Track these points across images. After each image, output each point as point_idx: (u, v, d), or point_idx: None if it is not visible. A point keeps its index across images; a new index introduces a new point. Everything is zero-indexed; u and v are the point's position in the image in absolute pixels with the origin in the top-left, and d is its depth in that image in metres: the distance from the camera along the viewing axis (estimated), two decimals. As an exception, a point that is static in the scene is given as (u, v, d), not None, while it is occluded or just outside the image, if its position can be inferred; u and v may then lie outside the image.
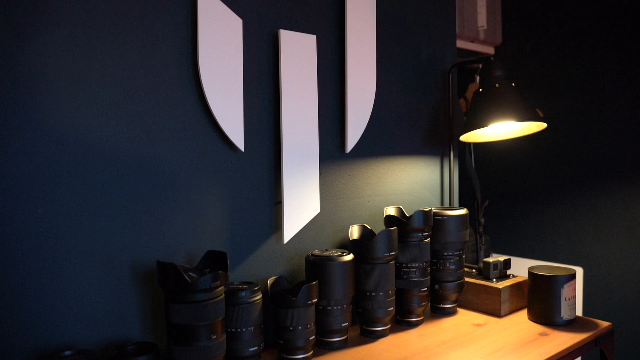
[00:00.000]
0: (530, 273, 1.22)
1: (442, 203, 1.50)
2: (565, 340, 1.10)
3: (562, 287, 1.17)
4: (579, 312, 1.20)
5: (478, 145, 1.51)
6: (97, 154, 0.89)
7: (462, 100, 2.07)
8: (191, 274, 0.90)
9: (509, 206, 2.27)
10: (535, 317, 1.21)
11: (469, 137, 1.36)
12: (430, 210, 1.21)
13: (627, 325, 1.87)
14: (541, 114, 1.29)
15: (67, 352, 0.82)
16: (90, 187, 0.88)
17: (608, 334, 1.18)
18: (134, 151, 0.93)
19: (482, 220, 1.55)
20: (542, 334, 1.14)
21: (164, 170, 0.96)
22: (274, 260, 1.12)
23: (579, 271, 2.01)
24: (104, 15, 0.88)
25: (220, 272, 0.87)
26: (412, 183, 1.40)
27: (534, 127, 1.35)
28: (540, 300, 1.20)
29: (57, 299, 0.86)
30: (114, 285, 0.92)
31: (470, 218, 1.36)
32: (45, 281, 0.84)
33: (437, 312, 1.29)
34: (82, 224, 0.88)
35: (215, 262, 0.92)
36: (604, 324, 1.19)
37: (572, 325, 1.19)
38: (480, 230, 1.54)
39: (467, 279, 1.31)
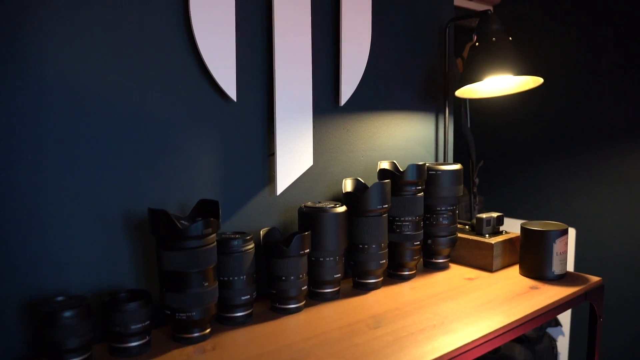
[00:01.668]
0: (522, 228, 1.23)
1: (436, 160, 1.50)
2: (556, 293, 1.11)
3: (554, 241, 1.18)
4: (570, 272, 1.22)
5: (473, 105, 1.50)
6: (88, 103, 0.87)
7: (459, 60, 2.04)
8: (183, 222, 0.90)
9: (503, 167, 2.27)
10: (527, 272, 1.22)
11: (465, 92, 1.35)
12: (424, 164, 1.20)
13: (617, 283, 1.89)
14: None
15: (59, 298, 0.83)
16: (81, 135, 0.87)
17: (598, 288, 1.19)
18: (125, 100, 0.91)
19: (477, 180, 1.55)
20: (532, 288, 1.15)
21: (155, 119, 0.95)
22: (266, 212, 1.12)
23: (572, 232, 2.02)
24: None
25: (212, 219, 0.86)
26: (406, 139, 1.39)
27: (530, 82, 1.34)
28: (532, 255, 1.21)
29: (48, 246, 0.86)
30: (106, 234, 0.91)
31: (465, 178, 1.36)
32: (36, 228, 0.84)
33: (430, 266, 1.30)
34: (73, 172, 0.87)
35: (207, 211, 0.92)
36: (594, 278, 1.21)
37: (562, 279, 1.20)
38: (475, 190, 1.54)
39: (459, 235, 1.32)
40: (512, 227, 1.58)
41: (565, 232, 1.19)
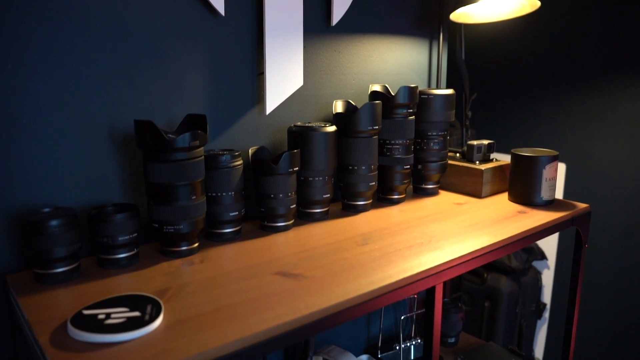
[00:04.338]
0: (512, 154, 1.22)
1: (429, 87, 1.48)
2: (543, 217, 1.12)
3: (544, 167, 1.18)
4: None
5: (468, 38, 1.46)
6: (72, 12, 0.84)
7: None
8: (170, 135, 0.89)
9: (496, 101, 2.25)
10: (516, 197, 1.23)
11: (460, 16, 1.32)
12: (416, 87, 1.18)
13: (605, 216, 1.91)
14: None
15: (46, 209, 0.82)
16: (65, 46, 0.84)
17: (585, 215, 1.20)
18: (110, 11, 0.88)
19: (469, 113, 1.53)
20: (520, 212, 1.16)
21: (141, 32, 0.92)
22: (255, 131, 1.11)
23: (562, 166, 2.03)
24: None
25: (199, 131, 0.85)
26: (399, 64, 1.37)
27: (527, 7, 1.30)
28: (521, 181, 1.21)
29: (32, 159, 0.84)
30: (92, 148, 0.90)
31: (457, 111, 1.34)
32: (19, 141, 0.82)
33: (419, 192, 1.31)
34: (57, 83, 0.84)
35: (195, 126, 0.90)
36: (582, 205, 1.21)
37: (551, 205, 1.21)
38: (467, 123, 1.52)
39: (450, 162, 1.31)
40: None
41: (555, 159, 1.19)
